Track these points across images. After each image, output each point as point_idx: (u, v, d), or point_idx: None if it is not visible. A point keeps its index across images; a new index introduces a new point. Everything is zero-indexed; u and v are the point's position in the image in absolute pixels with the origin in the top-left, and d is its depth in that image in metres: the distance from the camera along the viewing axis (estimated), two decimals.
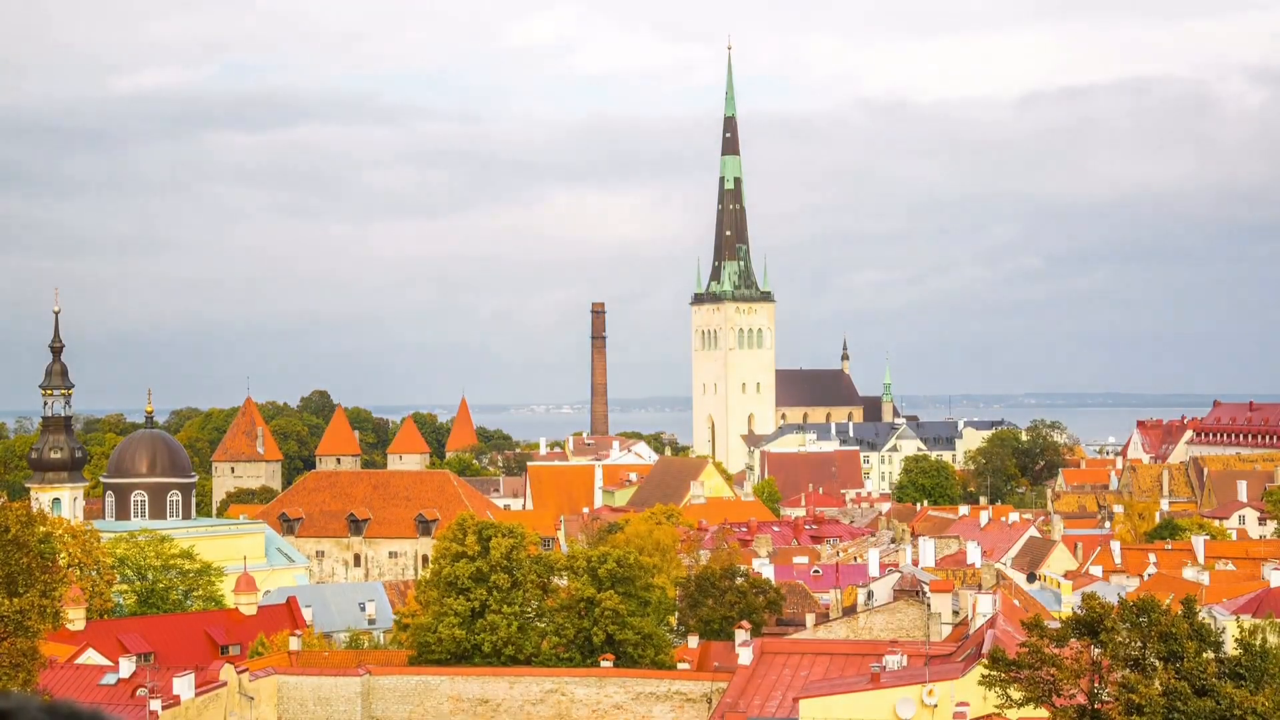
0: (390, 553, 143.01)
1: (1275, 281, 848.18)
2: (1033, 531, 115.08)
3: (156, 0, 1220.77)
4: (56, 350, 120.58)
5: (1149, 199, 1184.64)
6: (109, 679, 61.45)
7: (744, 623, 70.60)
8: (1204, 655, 41.40)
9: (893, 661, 52.26)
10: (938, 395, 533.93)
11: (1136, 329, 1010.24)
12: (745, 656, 57.29)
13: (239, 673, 62.62)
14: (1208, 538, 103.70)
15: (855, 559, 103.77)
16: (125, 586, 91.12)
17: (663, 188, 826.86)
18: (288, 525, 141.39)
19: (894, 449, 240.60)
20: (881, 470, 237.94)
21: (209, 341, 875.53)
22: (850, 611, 75.08)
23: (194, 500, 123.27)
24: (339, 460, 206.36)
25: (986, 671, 43.63)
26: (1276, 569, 75.29)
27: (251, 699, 62.14)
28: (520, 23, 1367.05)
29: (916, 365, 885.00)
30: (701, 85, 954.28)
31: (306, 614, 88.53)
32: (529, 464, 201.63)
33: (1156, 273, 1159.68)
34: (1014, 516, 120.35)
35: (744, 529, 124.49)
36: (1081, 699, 42.32)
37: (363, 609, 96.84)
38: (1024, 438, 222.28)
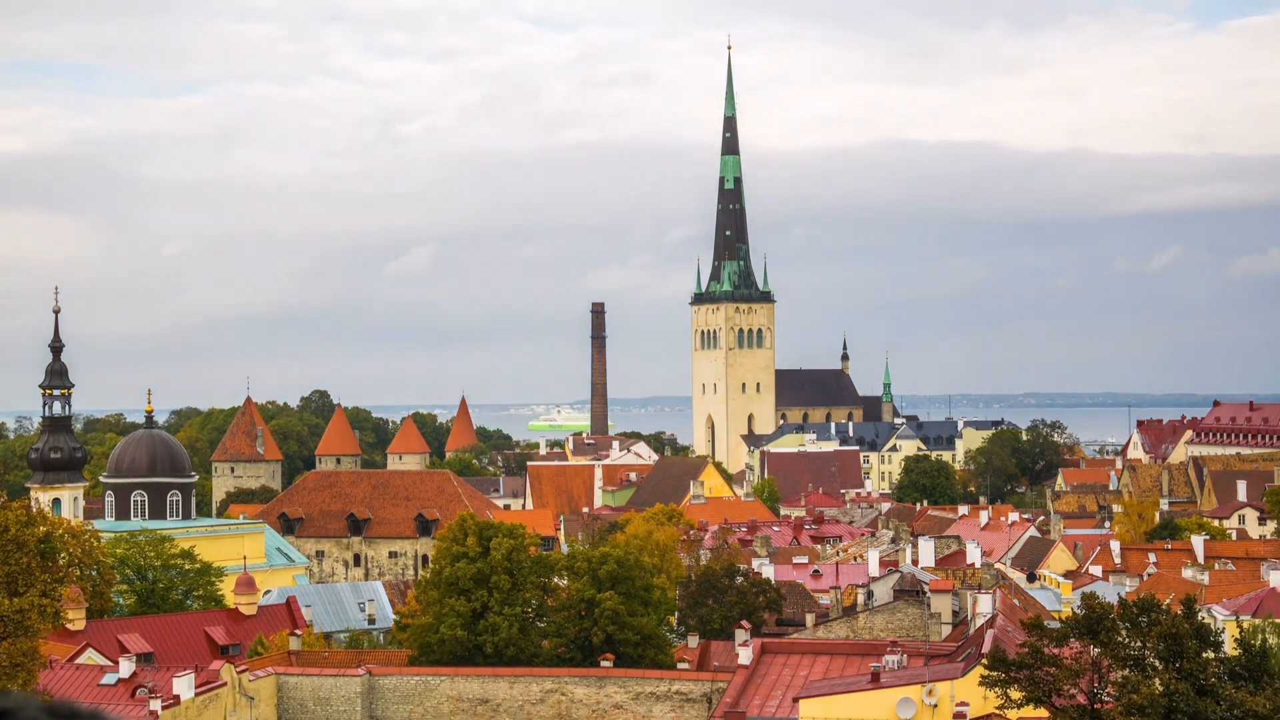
0: (390, 553, 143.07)
1: (1276, 281, 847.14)
2: (1033, 531, 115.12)
3: None
4: (56, 350, 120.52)
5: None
6: (109, 679, 61.45)
7: (744, 623, 70.61)
8: (1205, 655, 41.42)
9: (893, 661, 52.27)
10: (938, 395, 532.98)
11: (1137, 329, 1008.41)
12: (745, 656, 57.34)
13: (239, 673, 62.64)
14: (1207, 538, 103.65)
15: (855, 559, 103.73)
16: (125, 586, 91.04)
17: (662, 187, 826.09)
18: (288, 525, 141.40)
19: (894, 449, 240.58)
20: (881, 470, 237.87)
21: (209, 341, 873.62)
22: (850, 611, 75.06)
23: (194, 500, 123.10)
24: (339, 460, 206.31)
25: (986, 671, 43.65)
26: (1276, 569, 75.31)
27: (251, 699, 62.16)
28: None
29: (916, 365, 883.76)
30: (702, 84, 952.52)
31: (306, 614, 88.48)
32: (529, 464, 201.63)
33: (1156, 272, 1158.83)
34: (1014, 516, 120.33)
35: (744, 529, 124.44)
36: (1081, 699, 42.33)
37: (363, 609, 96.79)
38: (1024, 438, 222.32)
